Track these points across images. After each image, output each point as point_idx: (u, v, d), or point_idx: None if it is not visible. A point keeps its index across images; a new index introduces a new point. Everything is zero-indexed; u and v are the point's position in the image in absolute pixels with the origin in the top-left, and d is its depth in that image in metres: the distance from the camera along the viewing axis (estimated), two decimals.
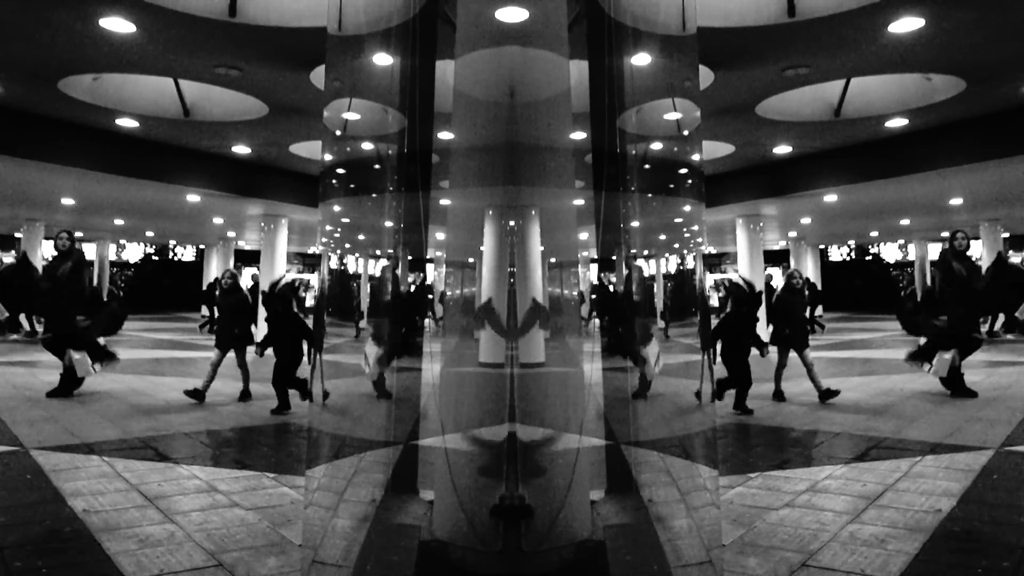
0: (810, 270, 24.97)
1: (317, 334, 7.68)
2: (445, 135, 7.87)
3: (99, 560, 3.32)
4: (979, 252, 21.27)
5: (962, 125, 10.53)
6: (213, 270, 24.56)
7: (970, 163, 11.03)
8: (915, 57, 7.89)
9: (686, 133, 8.41)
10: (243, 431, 6.41)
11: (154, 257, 34.48)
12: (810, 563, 3.29)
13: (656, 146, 8.83)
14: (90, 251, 30.96)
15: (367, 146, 9.70)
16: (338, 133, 9.03)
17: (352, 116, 8.92)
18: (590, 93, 7.73)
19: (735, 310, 7.50)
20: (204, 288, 25.59)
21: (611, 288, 12.80)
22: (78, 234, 25.90)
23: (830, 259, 33.04)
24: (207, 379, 7.98)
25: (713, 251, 30.65)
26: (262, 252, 16.82)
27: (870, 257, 33.47)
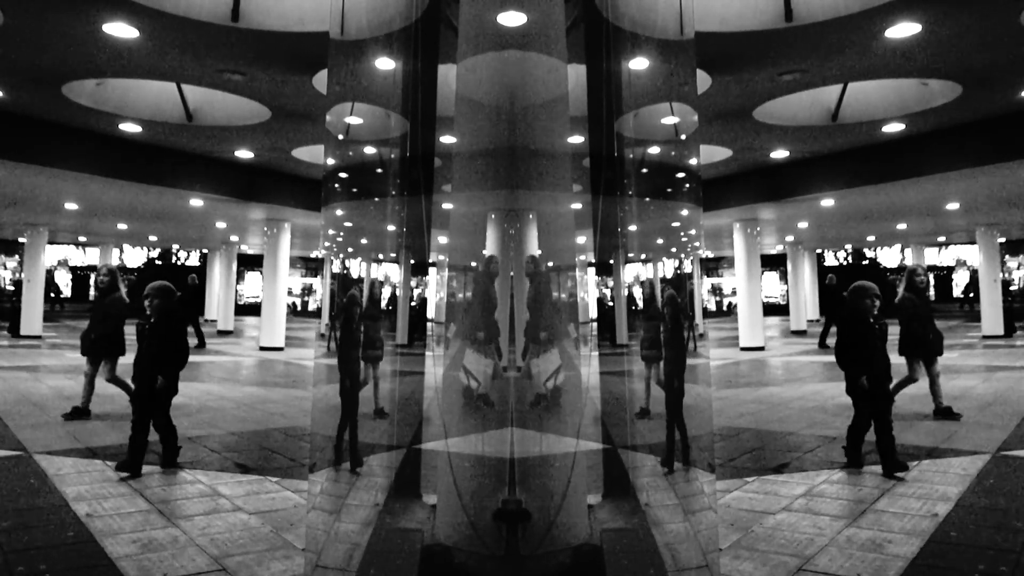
0: (807, 274, 25.02)
1: (374, 346, 6.66)
2: (448, 139, 7.92)
3: (102, 565, 3.35)
4: (975, 257, 21.33)
5: (959, 130, 10.59)
6: (216, 274, 24.60)
7: (967, 168, 11.10)
8: (912, 62, 7.94)
9: (683, 137, 8.47)
10: (246, 435, 6.44)
11: (157, 262, 34.58)
12: (807, 567, 3.32)
13: (653, 150, 8.88)
14: (93, 255, 31.12)
15: (369, 150, 9.76)
16: (341, 137, 9.09)
17: (355, 120, 8.98)
18: (588, 97, 7.78)
19: (875, 322, 5.11)
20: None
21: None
22: (81, 238, 26.04)
23: (826, 264, 33.13)
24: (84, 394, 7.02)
25: (710, 255, 30.72)
26: (265, 256, 16.88)
27: (867, 262, 33.55)
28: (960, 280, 32.70)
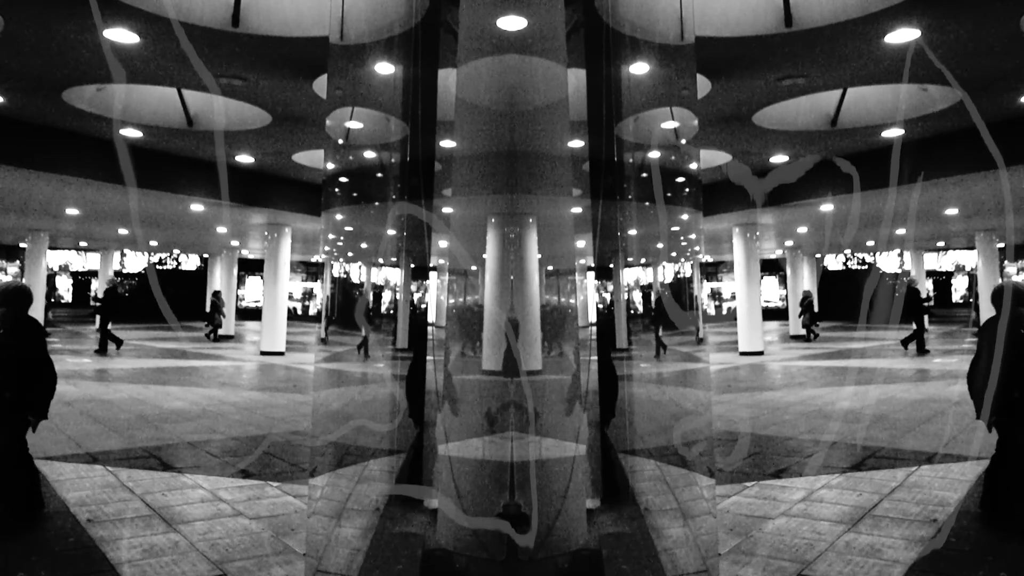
0: (806, 279, 25.04)
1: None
2: (448, 143, 7.93)
3: (103, 570, 3.36)
4: (974, 262, 21.33)
5: (958, 135, 10.61)
6: (217, 279, 24.61)
7: (966, 173, 11.12)
8: (910, 67, 7.96)
9: (684, 142, 8.49)
10: (248, 440, 6.45)
11: (158, 267, 34.61)
12: (806, 572, 3.33)
13: (653, 155, 8.90)
14: (94, 260, 31.09)
15: (369, 154, 9.79)
16: (341, 141, 9.13)
17: (354, 124, 9.01)
18: (588, 101, 7.80)
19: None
20: None
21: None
22: (82, 243, 26.07)
23: (826, 268, 33.13)
24: None
25: (710, 259, 30.79)
26: (266, 261, 16.92)
27: (866, 266, 33.57)
28: (959, 285, 32.76)
